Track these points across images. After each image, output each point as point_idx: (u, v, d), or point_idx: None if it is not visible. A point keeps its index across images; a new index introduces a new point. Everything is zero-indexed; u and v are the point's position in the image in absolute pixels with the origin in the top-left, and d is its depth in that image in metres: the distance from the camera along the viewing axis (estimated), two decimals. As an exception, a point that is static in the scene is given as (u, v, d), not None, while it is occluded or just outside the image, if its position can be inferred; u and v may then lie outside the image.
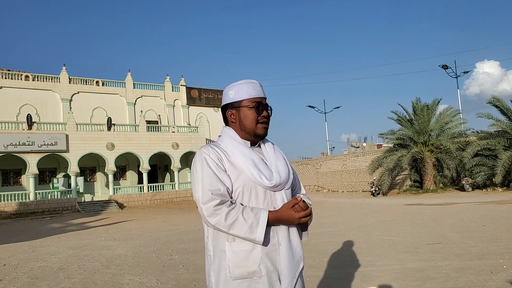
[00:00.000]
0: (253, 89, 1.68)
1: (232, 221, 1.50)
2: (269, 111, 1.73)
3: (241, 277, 1.53)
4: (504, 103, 21.54)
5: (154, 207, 25.55)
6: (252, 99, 1.66)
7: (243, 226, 1.50)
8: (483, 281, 4.31)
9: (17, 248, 9.49)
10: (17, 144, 23.15)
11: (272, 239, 1.57)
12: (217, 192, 1.52)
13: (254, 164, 1.59)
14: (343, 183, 32.48)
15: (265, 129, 1.68)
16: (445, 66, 33.77)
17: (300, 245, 1.65)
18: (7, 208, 22.44)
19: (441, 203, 15.98)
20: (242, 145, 1.65)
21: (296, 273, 1.59)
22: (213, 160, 1.58)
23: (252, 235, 1.50)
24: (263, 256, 1.54)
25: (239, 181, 1.58)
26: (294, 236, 1.63)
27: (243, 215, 1.51)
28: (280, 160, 1.70)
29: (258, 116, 1.66)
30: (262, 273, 1.53)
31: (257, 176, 1.57)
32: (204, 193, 1.52)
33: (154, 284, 5.13)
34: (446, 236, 7.56)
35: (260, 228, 1.50)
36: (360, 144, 49.74)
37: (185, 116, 34.44)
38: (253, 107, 1.65)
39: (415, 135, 24.16)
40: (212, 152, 1.61)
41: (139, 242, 9.44)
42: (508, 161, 19.68)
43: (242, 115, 1.66)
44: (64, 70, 29.64)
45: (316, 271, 5.26)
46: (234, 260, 1.53)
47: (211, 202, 1.51)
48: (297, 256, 1.62)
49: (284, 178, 1.64)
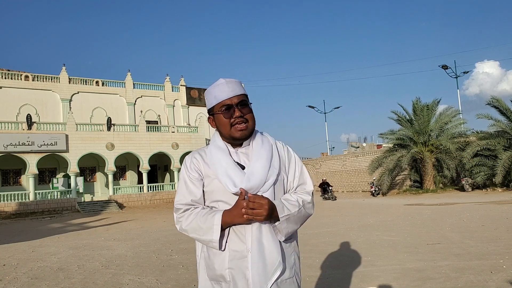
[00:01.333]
0: (220, 92, 1.59)
1: (190, 225, 1.56)
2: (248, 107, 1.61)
3: (213, 278, 1.57)
4: (503, 104, 21.53)
5: (154, 207, 25.55)
6: (220, 103, 1.59)
7: (199, 228, 1.53)
8: (483, 281, 4.31)
9: (17, 248, 9.48)
10: (17, 144, 23.15)
11: (240, 246, 1.51)
12: (181, 201, 1.62)
13: (225, 170, 1.56)
14: (343, 183, 32.48)
15: (241, 131, 1.58)
16: (445, 66, 33.77)
17: (276, 251, 1.51)
18: (7, 208, 22.44)
19: (441, 203, 15.98)
20: (219, 150, 1.62)
21: (269, 283, 1.48)
22: (188, 171, 1.65)
23: (208, 236, 1.51)
24: (230, 262, 1.51)
25: (212, 185, 1.60)
26: (268, 242, 1.51)
27: (200, 218, 1.54)
28: (259, 161, 1.58)
29: (230, 119, 1.58)
30: (228, 278, 1.52)
31: (223, 183, 1.55)
32: (174, 204, 1.65)
33: (154, 284, 5.13)
34: (446, 236, 7.55)
35: (215, 228, 1.49)
36: (360, 144, 49.78)
37: (185, 116, 34.44)
38: (222, 112, 1.59)
39: (415, 135, 24.16)
40: (190, 162, 1.66)
41: (139, 242, 9.44)
42: (507, 161, 19.68)
43: (217, 121, 1.63)
44: (64, 70, 29.64)
45: (316, 271, 5.26)
46: (207, 261, 1.59)
47: (177, 212, 1.63)
48: (271, 264, 1.49)
49: (255, 182, 1.53)
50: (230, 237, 1.54)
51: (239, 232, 1.52)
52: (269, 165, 1.59)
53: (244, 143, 1.65)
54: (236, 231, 1.53)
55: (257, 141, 1.66)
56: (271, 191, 1.58)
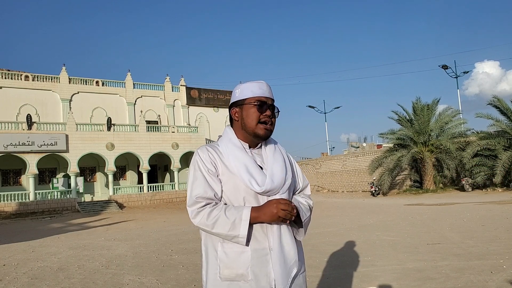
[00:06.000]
0: (258, 88, 1.65)
1: (215, 220, 1.50)
2: (276, 112, 1.68)
3: (229, 278, 1.53)
4: (504, 103, 21.54)
5: (154, 207, 25.55)
6: (256, 97, 1.63)
7: (226, 223, 1.49)
8: (483, 281, 4.31)
9: (17, 248, 9.48)
10: (17, 144, 23.15)
11: (263, 243, 1.54)
12: (203, 195, 1.54)
13: (246, 168, 1.57)
14: (343, 183, 32.48)
15: (266, 130, 1.63)
16: (445, 66, 33.77)
17: (293, 250, 1.58)
18: (7, 208, 22.44)
19: (441, 203, 15.98)
20: (237, 148, 1.63)
21: (289, 280, 1.54)
22: (205, 164, 1.59)
23: (235, 231, 1.48)
24: (252, 260, 1.52)
25: (231, 183, 1.58)
26: (287, 241, 1.57)
27: (225, 213, 1.50)
28: (277, 163, 1.64)
29: (260, 115, 1.62)
30: (250, 277, 1.51)
31: (247, 181, 1.55)
32: (190, 197, 1.56)
33: (154, 284, 5.12)
34: (446, 236, 7.55)
35: (243, 224, 1.48)
36: (360, 144, 49.73)
37: (185, 116, 34.43)
38: (256, 105, 1.62)
39: (415, 135, 24.16)
40: (205, 155, 1.61)
41: (139, 242, 9.43)
42: (507, 161, 19.69)
43: (245, 113, 1.64)
44: (64, 70, 29.64)
45: (316, 271, 5.26)
46: (224, 260, 1.54)
47: (196, 205, 1.54)
48: (290, 262, 1.56)
49: (277, 183, 1.58)
50: (254, 235, 1.54)
51: (262, 230, 1.55)
52: (286, 168, 1.67)
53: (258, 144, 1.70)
54: (260, 229, 1.55)
55: (270, 145, 1.72)
56: (287, 194, 1.64)
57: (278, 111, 1.70)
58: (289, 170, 1.69)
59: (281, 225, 1.56)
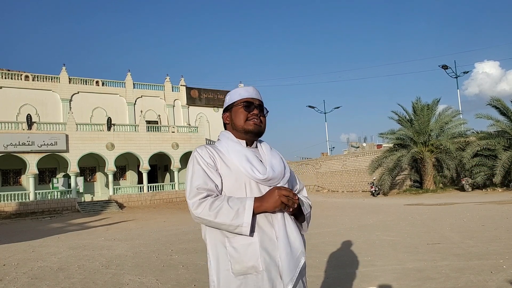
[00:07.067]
0: (245, 91, 1.75)
1: (218, 209, 1.49)
2: (265, 112, 1.76)
3: (241, 272, 1.52)
4: (503, 103, 21.55)
5: (154, 207, 25.55)
6: (243, 99, 1.73)
7: (229, 212, 1.48)
8: (483, 281, 4.31)
9: (17, 248, 9.48)
10: (17, 144, 23.15)
11: (269, 232, 1.55)
12: (203, 186, 1.55)
13: (247, 159, 1.62)
14: (343, 183, 32.48)
15: (255, 125, 1.70)
16: (445, 66, 33.79)
17: (299, 239, 1.60)
18: (7, 208, 22.43)
19: (441, 203, 15.98)
20: (237, 144, 1.69)
21: (297, 269, 1.55)
22: (204, 159, 1.62)
23: (238, 220, 1.47)
24: (261, 250, 1.52)
25: (232, 176, 1.60)
26: (292, 230, 1.59)
27: (228, 202, 1.50)
28: (275, 158, 1.70)
29: (248, 114, 1.70)
30: (261, 267, 1.51)
31: (249, 170, 1.59)
32: (191, 189, 1.56)
33: (154, 284, 5.13)
34: (446, 236, 7.56)
35: (247, 212, 1.48)
36: (360, 144, 49.75)
37: (185, 116, 34.43)
38: (243, 106, 1.71)
39: (415, 135, 24.17)
40: (204, 151, 1.65)
41: (139, 242, 9.44)
42: (507, 161, 19.69)
43: (234, 114, 1.73)
44: (64, 70, 29.63)
45: (316, 271, 5.26)
46: (234, 255, 1.53)
47: (197, 196, 1.53)
48: (297, 251, 1.57)
49: (278, 172, 1.64)
50: (260, 224, 1.55)
51: (267, 219, 1.57)
52: (284, 164, 1.73)
53: (253, 144, 1.76)
54: (265, 218, 1.56)
55: (265, 144, 1.80)
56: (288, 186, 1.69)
57: (267, 111, 1.78)
58: (287, 167, 1.74)
59: (284, 214, 1.58)
